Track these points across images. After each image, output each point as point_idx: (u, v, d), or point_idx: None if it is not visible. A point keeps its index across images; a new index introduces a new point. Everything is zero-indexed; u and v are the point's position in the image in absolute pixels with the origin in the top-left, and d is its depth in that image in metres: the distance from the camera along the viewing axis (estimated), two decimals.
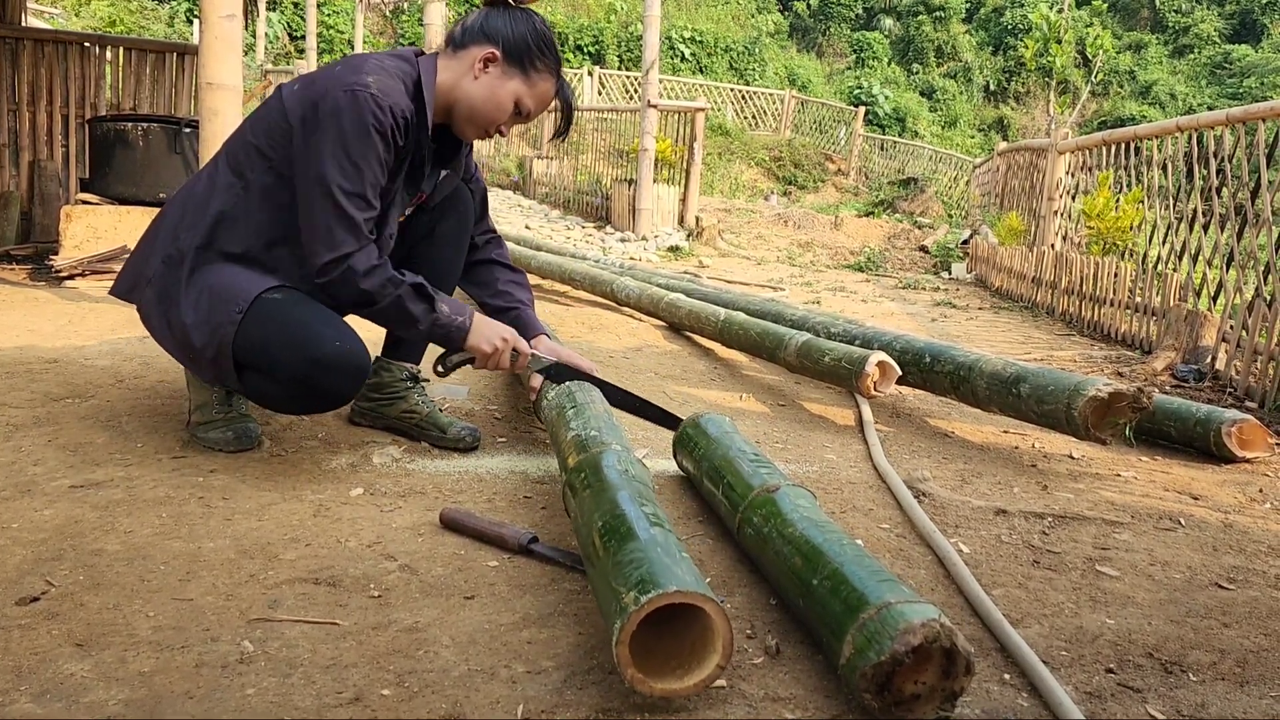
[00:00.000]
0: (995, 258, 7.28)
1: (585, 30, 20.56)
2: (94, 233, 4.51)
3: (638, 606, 1.07)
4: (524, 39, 1.89)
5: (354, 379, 1.83)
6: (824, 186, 16.73)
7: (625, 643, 1.07)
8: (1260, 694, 1.26)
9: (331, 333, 1.81)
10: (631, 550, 1.21)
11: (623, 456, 1.58)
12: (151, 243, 1.95)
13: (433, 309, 1.87)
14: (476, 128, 1.95)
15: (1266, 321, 3.30)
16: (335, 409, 1.95)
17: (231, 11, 3.27)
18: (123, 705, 1.08)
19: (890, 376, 2.70)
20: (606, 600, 1.17)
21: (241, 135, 1.91)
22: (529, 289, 2.30)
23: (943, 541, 1.69)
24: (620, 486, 1.43)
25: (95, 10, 16.16)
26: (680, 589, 1.09)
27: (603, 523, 1.32)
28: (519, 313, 2.21)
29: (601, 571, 1.23)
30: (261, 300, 1.81)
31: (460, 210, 2.16)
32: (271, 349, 1.79)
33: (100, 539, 1.53)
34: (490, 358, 1.94)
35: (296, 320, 1.81)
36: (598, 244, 8.43)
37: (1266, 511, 2.08)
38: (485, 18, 1.92)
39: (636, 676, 1.08)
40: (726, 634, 1.11)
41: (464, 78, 1.90)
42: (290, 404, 1.92)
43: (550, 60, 1.93)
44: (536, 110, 1.97)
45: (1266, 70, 23.82)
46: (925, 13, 26.18)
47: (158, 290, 1.89)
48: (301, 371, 1.78)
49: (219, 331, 1.80)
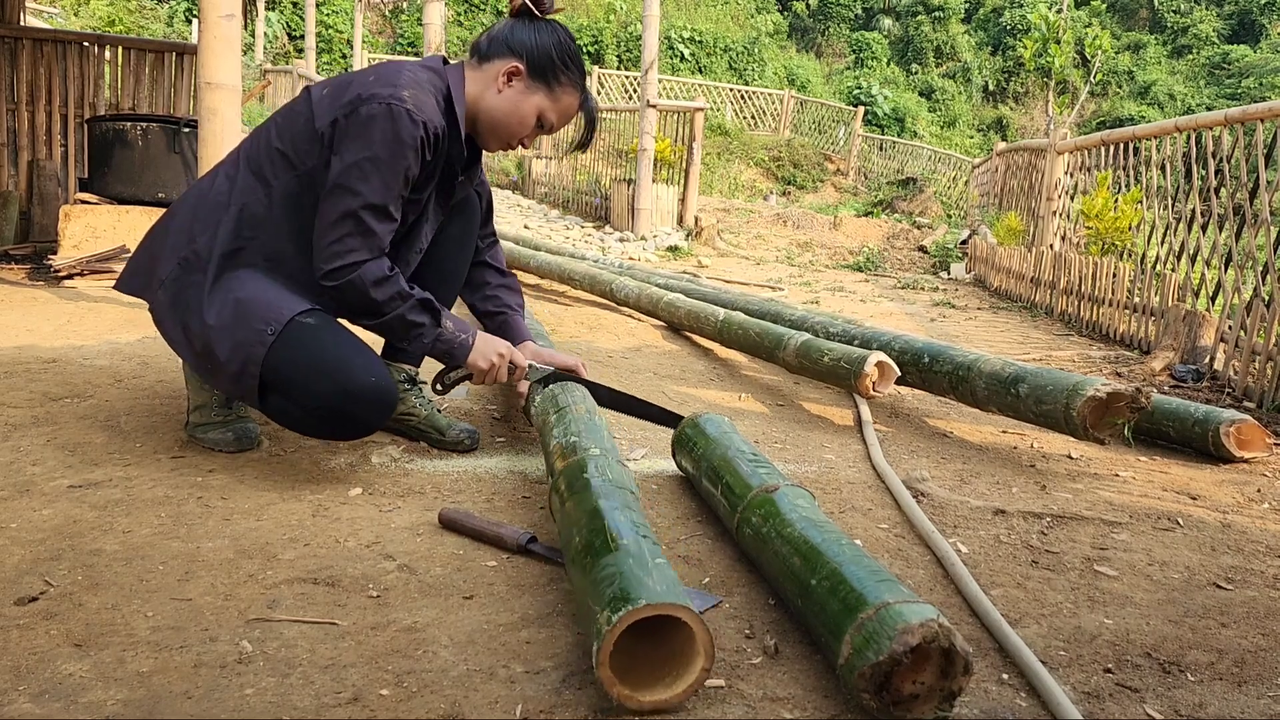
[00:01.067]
0: (994, 258, 7.29)
1: (584, 30, 20.57)
2: (93, 232, 4.51)
3: (610, 626, 1.07)
4: (549, 53, 1.88)
5: (384, 413, 1.83)
6: (823, 186, 16.74)
7: (605, 664, 1.07)
8: (1258, 694, 1.26)
9: (365, 364, 1.80)
10: (606, 565, 1.20)
11: (600, 462, 1.55)
12: (162, 242, 1.91)
13: (438, 324, 1.87)
14: (499, 140, 1.94)
15: (1265, 322, 3.30)
16: (359, 439, 1.95)
17: (230, 11, 3.27)
18: (121, 705, 1.08)
19: (889, 376, 2.70)
20: (587, 620, 1.17)
21: (265, 138, 1.88)
22: (520, 293, 2.30)
23: (941, 541, 1.70)
24: (598, 495, 1.41)
25: (94, 9, 16.15)
26: (650, 602, 1.09)
27: (580, 540, 1.32)
28: (506, 318, 2.21)
29: (581, 590, 1.23)
30: (296, 324, 1.78)
31: (468, 215, 2.16)
32: (304, 376, 1.77)
33: (99, 539, 1.53)
34: (488, 374, 1.94)
35: (331, 348, 1.79)
36: (596, 244, 8.43)
37: (1265, 511, 2.08)
38: (510, 30, 1.90)
39: (623, 694, 1.08)
40: (705, 638, 1.11)
41: (488, 90, 1.89)
42: (315, 429, 1.89)
43: (575, 74, 1.91)
44: (560, 124, 1.96)
45: (1265, 70, 23.84)
46: (924, 13, 26.19)
47: (172, 294, 1.85)
48: (334, 402, 1.77)
49: (247, 349, 1.77)
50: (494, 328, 2.22)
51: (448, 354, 1.91)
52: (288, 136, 1.84)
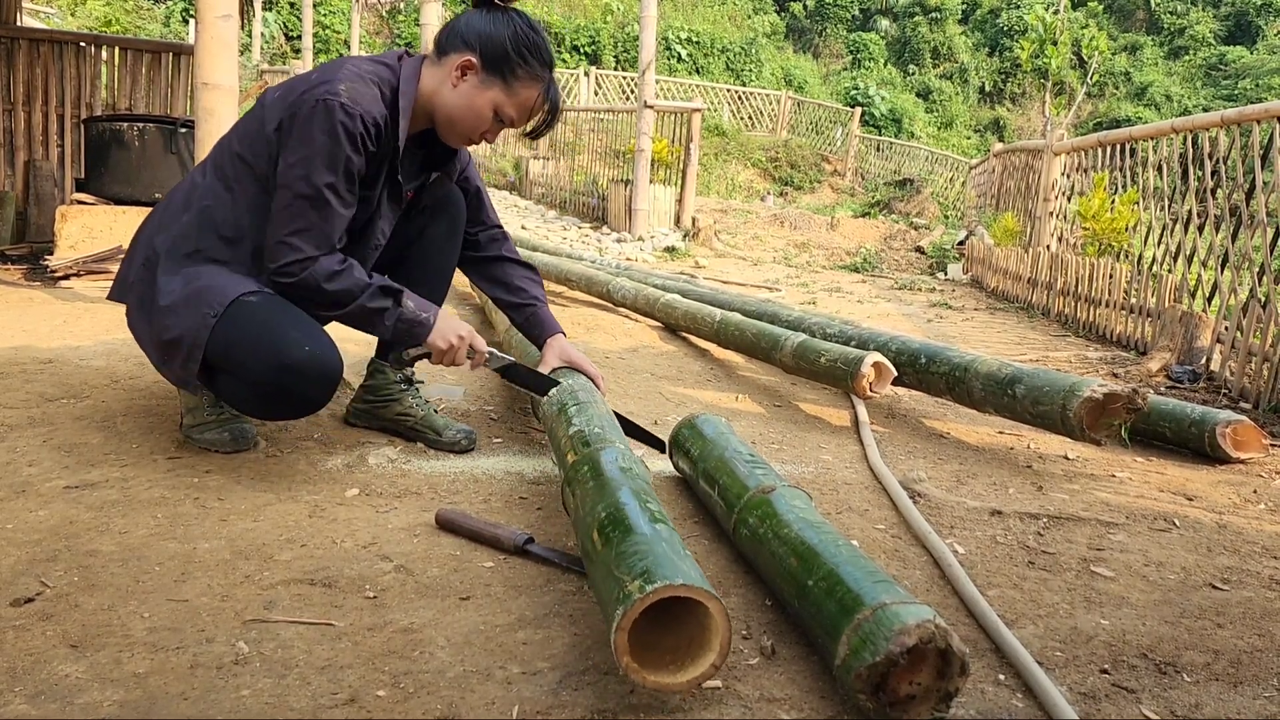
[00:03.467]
0: (991, 259, 7.30)
1: (582, 31, 20.57)
2: (89, 233, 4.50)
3: (642, 595, 1.08)
4: (503, 45, 1.83)
5: (322, 386, 1.80)
6: (820, 187, 16.75)
7: (626, 629, 1.07)
8: (1254, 694, 1.26)
9: (301, 337, 1.78)
10: (635, 542, 1.21)
11: (625, 454, 1.58)
12: (134, 248, 1.95)
13: (398, 304, 1.85)
14: (458, 136, 1.92)
15: (1261, 323, 3.31)
16: (306, 415, 1.93)
17: (227, 11, 3.27)
18: (117, 706, 1.08)
19: (886, 377, 2.70)
20: (607, 589, 1.16)
21: (228, 143, 1.90)
22: (541, 284, 2.29)
23: (938, 542, 1.70)
24: (623, 483, 1.43)
25: (91, 10, 16.13)
26: (686, 583, 1.10)
27: (606, 514, 1.32)
28: (535, 310, 2.20)
29: (603, 560, 1.22)
30: (239, 303, 1.78)
31: (452, 213, 2.15)
32: (242, 352, 1.77)
33: (95, 540, 1.52)
34: (445, 354, 1.92)
35: (268, 324, 1.78)
36: (594, 244, 8.43)
37: (1261, 512, 2.08)
38: (466, 21, 1.87)
39: (631, 665, 1.08)
40: (725, 634, 1.11)
41: (443, 85, 1.87)
42: (261, 408, 1.88)
43: (534, 66, 1.86)
44: (520, 118, 1.92)
45: (1261, 72, 23.88)
46: (921, 14, 26.22)
47: (138, 295, 1.89)
48: (270, 377, 1.76)
49: (194, 333, 1.78)
50: (521, 320, 2.21)
51: (409, 333, 1.89)
52: (246, 141, 1.85)
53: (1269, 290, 3.63)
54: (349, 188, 1.81)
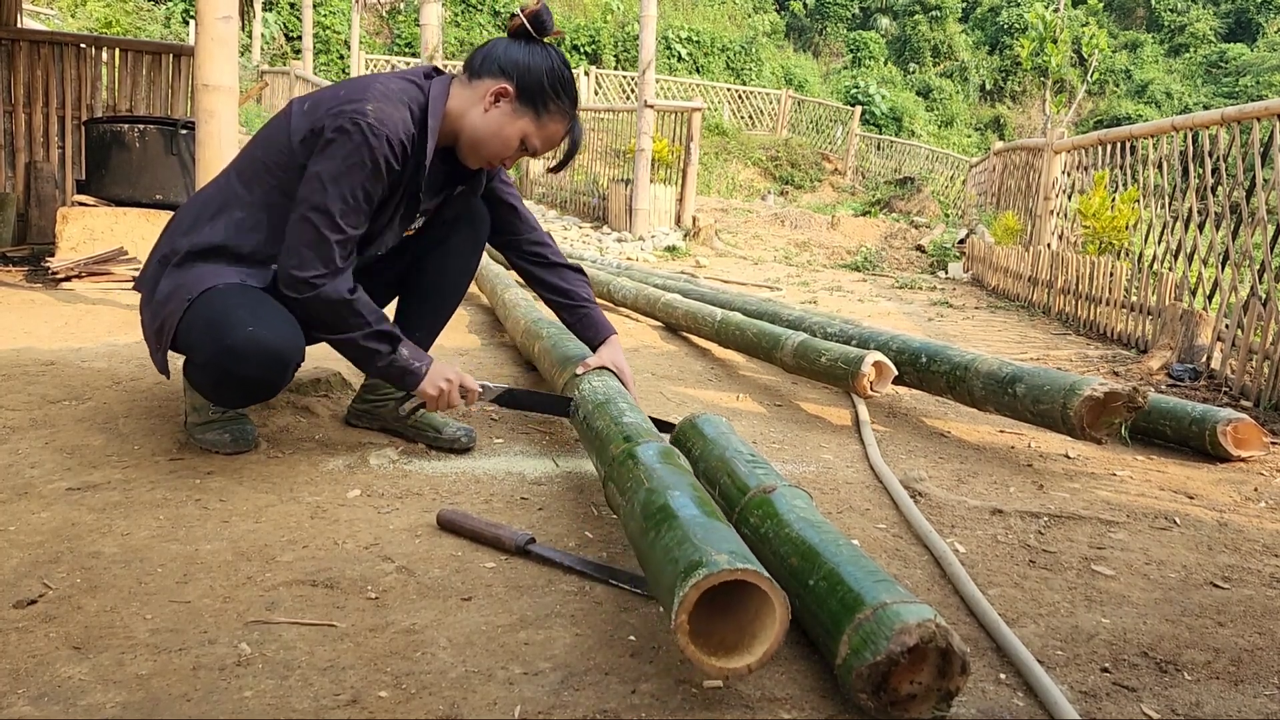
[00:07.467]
0: (991, 257, 7.30)
1: (581, 30, 20.57)
2: (90, 234, 4.51)
3: (730, 568, 1.08)
4: (540, 78, 1.86)
5: (266, 367, 1.77)
6: (820, 186, 16.75)
7: (701, 587, 1.07)
8: (1255, 693, 1.26)
9: (247, 318, 1.76)
10: (721, 526, 1.24)
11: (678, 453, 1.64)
12: (158, 243, 1.97)
13: (394, 350, 1.88)
14: (481, 158, 1.93)
15: (1261, 320, 3.31)
16: (259, 399, 1.92)
17: (227, 13, 3.27)
18: (120, 708, 1.08)
19: (886, 376, 2.70)
20: (686, 550, 1.16)
21: (253, 149, 1.91)
22: (590, 284, 2.32)
23: (939, 541, 1.70)
24: (690, 471, 1.51)
25: (91, 11, 16.13)
26: (762, 573, 1.10)
27: (692, 485, 1.38)
28: (587, 311, 2.22)
29: (686, 522, 1.23)
30: (211, 290, 1.80)
31: (475, 224, 2.15)
32: (195, 335, 1.78)
33: (97, 541, 1.53)
34: (437, 399, 1.94)
35: (224, 309, 1.77)
36: (595, 244, 8.43)
37: (1261, 510, 2.08)
38: (505, 50, 1.88)
39: (682, 623, 1.07)
40: (782, 624, 1.10)
41: (474, 108, 1.88)
42: (214, 392, 1.87)
43: (565, 102, 1.90)
44: (544, 150, 1.95)
45: (1262, 69, 23.87)
46: (921, 12, 26.21)
47: (149, 289, 1.92)
48: (216, 359, 1.76)
49: (171, 315, 1.81)
50: (574, 321, 2.23)
51: (399, 380, 1.92)
52: (271, 148, 1.86)
53: (1269, 288, 3.63)
54: (365, 209, 1.81)
